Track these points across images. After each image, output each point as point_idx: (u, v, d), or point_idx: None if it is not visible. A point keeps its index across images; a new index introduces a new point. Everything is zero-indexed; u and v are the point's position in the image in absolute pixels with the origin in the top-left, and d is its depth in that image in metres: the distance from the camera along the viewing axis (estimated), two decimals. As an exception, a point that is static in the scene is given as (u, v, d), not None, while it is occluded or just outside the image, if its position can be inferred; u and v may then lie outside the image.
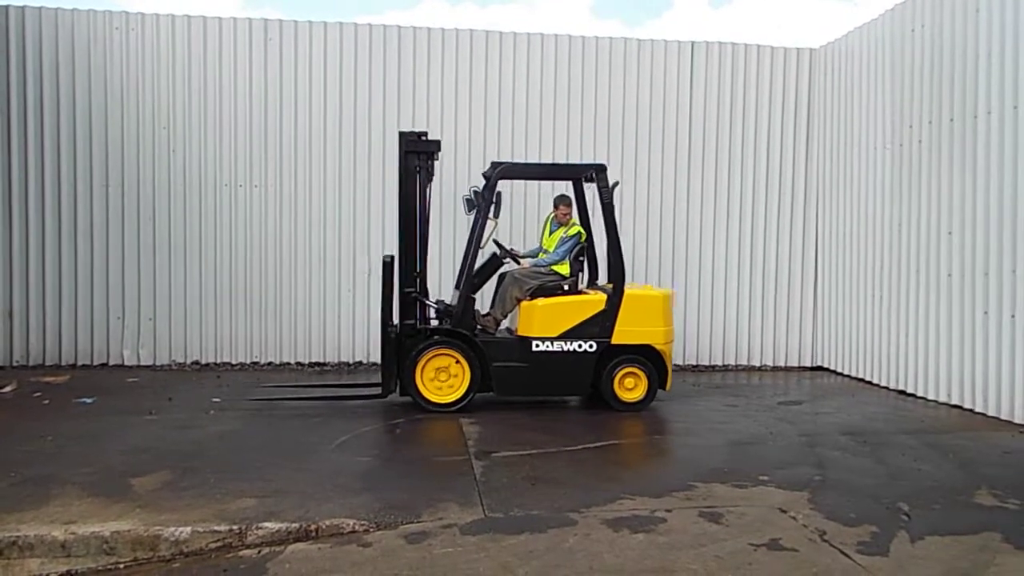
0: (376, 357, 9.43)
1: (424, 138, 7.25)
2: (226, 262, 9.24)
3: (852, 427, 6.80)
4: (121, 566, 4.02)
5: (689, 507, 4.63)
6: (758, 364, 10.04)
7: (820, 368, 10.02)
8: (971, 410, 7.40)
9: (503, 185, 7.47)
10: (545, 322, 7.12)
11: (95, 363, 9.08)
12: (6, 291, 8.88)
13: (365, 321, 9.43)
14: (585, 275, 7.77)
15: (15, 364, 8.91)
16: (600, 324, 7.14)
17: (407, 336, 7.04)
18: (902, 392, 8.36)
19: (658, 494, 4.85)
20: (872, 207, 8.93)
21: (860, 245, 9.16)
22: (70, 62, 8.89)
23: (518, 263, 7.65)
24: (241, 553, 4.04)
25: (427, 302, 7.39)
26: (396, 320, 7.14)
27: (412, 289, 7.12)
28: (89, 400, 7.26)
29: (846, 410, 7.57)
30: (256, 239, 9.28)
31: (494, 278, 7.73)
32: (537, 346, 7.09)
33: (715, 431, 6.66)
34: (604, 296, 7.23)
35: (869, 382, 8.97)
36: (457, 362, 7.03)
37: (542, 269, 7.44)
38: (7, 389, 7.62)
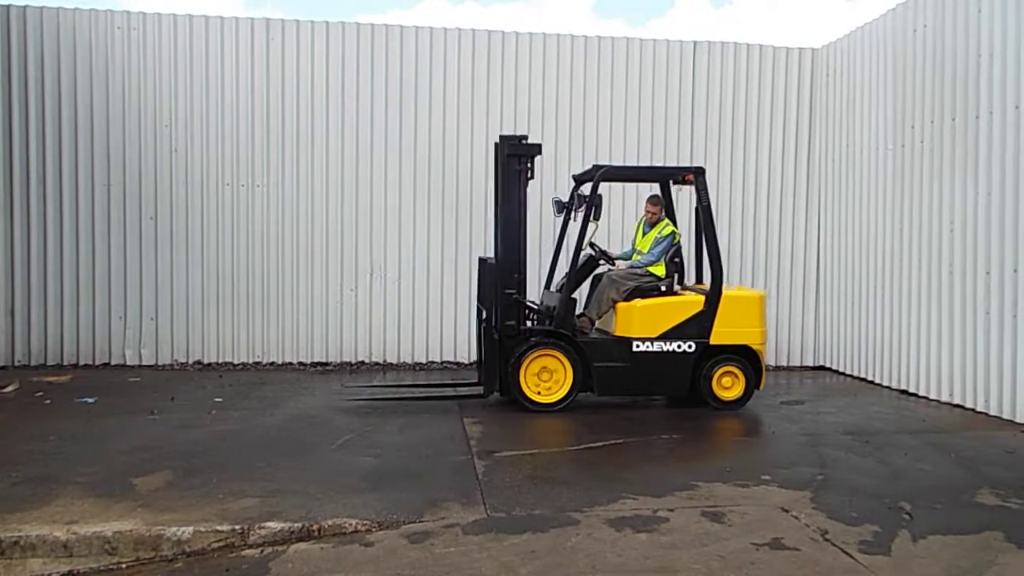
0: (377, 356, 9.51)
1: (525, 141, 7.27)
2: (228, 262, 9.24)
3: (854, 426, 6.80)
4: (123, 566, 4.02)
5: (691, 506, 4.64)
6: (760, 364, 10.02)
7: (822, 368, 10.02)
8: (973, 409, 7.40)
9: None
10: (645, 323, 7.18)
11: (97, 363, 9.08)
12: (8, 290, 8.89)
13: (367, 321, 9.45)
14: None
15: (17, 364, 8.91)
16: (698, 325, 7.20)
17: (507, 337, 7.09)
18: (904, 392, 8.35)
19: (660, 493, 4.85)
20: (873, 207, 8.92)
21: (861, 245, 9.15)
22: (71, 62, 8.89)
23: (612, 264, 7.69)
24: (243, 553, 4.04)
25: (529, 304, 7.46)
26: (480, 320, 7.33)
27: (513, 291, 7.14)
28: (91, 400, 7.26)
29: (848, 409, 7.57)
30: (258, 239, 9.28)
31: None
32: (637, 346, 7.14)
33: (716, 430, 6.66)
34: (702, 297, 7.29)
35: (871, 382, 8.97)
36: (560, 363, 7.09)
37: (638, 270, 7.47)
38: (9, 389, 7.63)
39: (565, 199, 7.72)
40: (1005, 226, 7.04)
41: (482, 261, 7.56)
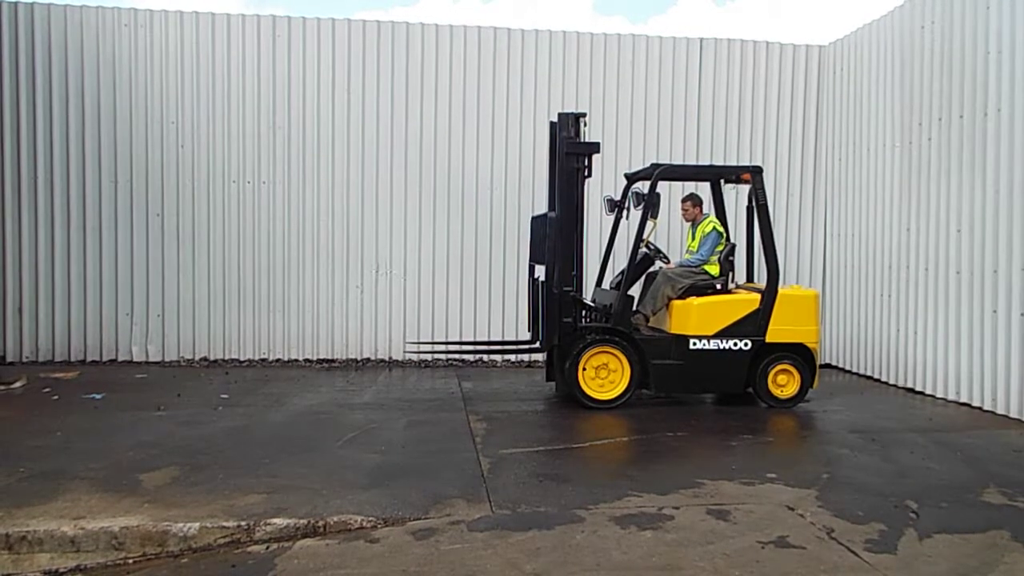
0: (383, 354, 9.51)
1: (583, 132, 7.24)
2: (234, 258, 9.27)
3: (860, 425, 6.78)
4: (130, 561, 4.04)
5: (697, 504, 4.63)
6: (765, 361, 10.00)
7: (828, 366, 9.98)
8: (979, 408, 7.37)
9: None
10: (701, 321, 7.20)
11: (104, 359, 9.12)
12: (16, 287, 8.93)
13: (373, 318, 9.46)
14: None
15: (25, 360, 8.95)
16: (754, 323, 7.23)
17: (565, 334, 7.12)
18: (910, 390, 8.33)
19: (665, 491, 4.84)
20: (881, 205, 8.89)
21: (868, 243, 9.13)
22: (78, 59, 8.92)
23: (667, 263, 7.72)
24: (249, 549, 4.05)
25: (587, 301, 7.49)
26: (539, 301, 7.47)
27: (570, 288, 7.18)
28: (98, 396, 7.29)
29: (854, 408, 7.55)
30: (264, 235, 9.30)
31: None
32: (694, 344, 7.16)
33: (722, 428, 6.64)
34: (757, 295, 7.31)
35: (877, 380, 8.94)
36: (618, 360, 7.12)
37: (693, 268, 7.51)
38: (17, 385, 7.66)
39: (617, 197, 7.80)
40: (1013, 224, 7.01)
41: (537, 217, 7.51)
